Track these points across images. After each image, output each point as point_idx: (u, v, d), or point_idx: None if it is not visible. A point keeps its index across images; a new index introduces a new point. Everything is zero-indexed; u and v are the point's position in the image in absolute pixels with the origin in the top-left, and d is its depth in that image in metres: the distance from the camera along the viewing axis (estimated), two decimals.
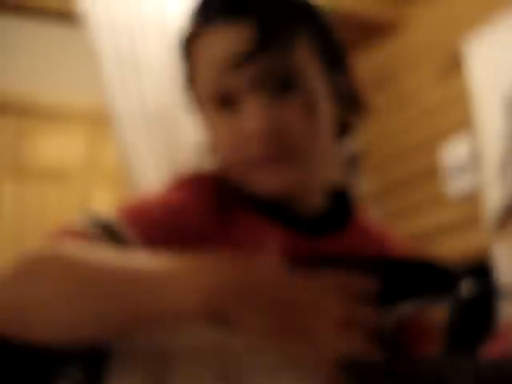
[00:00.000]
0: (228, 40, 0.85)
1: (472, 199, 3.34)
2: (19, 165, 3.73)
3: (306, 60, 0.87)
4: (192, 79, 0.93)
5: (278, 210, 0.88)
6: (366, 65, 3.93)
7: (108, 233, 0.77)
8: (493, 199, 3.09)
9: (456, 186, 3.44)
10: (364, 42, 4.08)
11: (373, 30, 4.07)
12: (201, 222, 0.83)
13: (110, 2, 3.12)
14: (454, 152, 3.47)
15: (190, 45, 0.91)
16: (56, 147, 3.82)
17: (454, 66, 3.53)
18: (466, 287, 0.88)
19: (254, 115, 0.83)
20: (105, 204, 3.63)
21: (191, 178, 0.88)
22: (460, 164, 3.41)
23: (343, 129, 0.98)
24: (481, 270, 3.04)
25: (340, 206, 0.96)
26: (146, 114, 3.06)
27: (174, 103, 3.09)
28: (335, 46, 0.95)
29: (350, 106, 0.96)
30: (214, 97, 0.87)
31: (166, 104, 3.10)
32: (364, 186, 3.78)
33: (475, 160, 3.31)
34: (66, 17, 3.72)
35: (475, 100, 3.28)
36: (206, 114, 0.92)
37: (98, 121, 3.82)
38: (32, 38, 3.79)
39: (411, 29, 3.93)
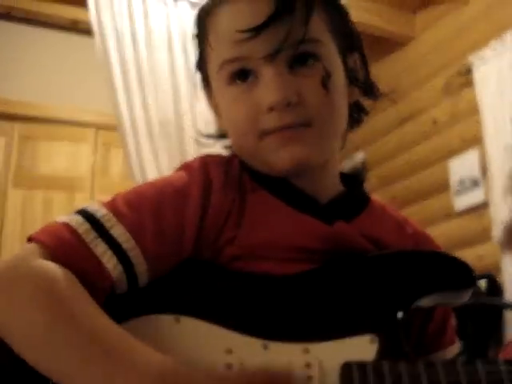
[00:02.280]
0: (245, 10, 0.85)
1: (480, 213, 3.32)
2: (25, 173, 3.73)
3: (322, 34, 0.87)
4: (206, 56, 0.92)
5: (292, 192, 0.87)
6: (376, 79, 3.91)
7: (96, 229, 0.77)
8: (501, 213, 3.07)
9: (465, 199, 3.42)
10: (374, 57, 4.08)
11: (383, 45, 4.08)
12: (208, 206, 0.81)
13: (116, 14, 3.14)
14: (462, 166, 3.45)
15: (207, 19, 0.90)
16: (63, 156, 3.82)
17: (463, 80, 3.53)
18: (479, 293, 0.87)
19: (270, 86, 0.83)
20: None
21: (199, 161, 0.87)
22: (469, 178, 3.40)
23: (357, 110, 0.97)
24: (490, 283, 3.02)
25: (353, 190, 0.95)
26: (151, 124, 3.06)
27: (177, 114, 3.10)
28: (351, 28, 0.95)
29: (363, 88, 0.95)
30: (229, 68, 0.86)
31: (170, 115, 3.10)
32: None
33: (484, 174, 3.29)
34: (75, 28, 3.75)
35: (484, 115, 3.27)
36: (218, 91, 0.91)
37: (105, 130, 3.83)
38: (40, 47, 3.81)
39: (421, 43, 3.94)
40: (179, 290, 0.80)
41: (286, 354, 0.74)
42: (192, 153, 2.91)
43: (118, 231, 0.77)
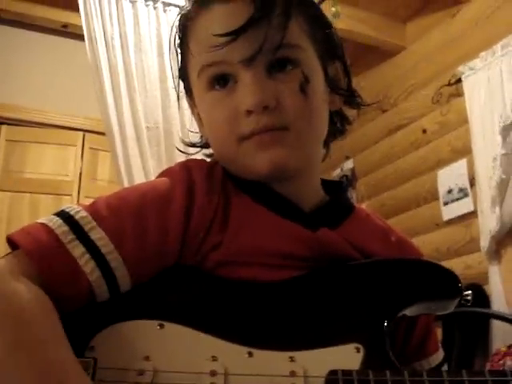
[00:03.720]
0: (223, 16, 0.85)
1: (469, 223, 3.33)
2: (12, 176, 3.71)
3: (301, 40, 0.86)
4: (187, 63, 0.92)
5: (274, 198, 0.87)
6: (365, 88, 3.92)
7: (75, 231, 0.75)
8: (489, 223, 3.08)
9: (453, 209, 3.43)
10: (364, 66, 4.09)
11: (373, 54, 4.09)
12: (192, 211, 0.80)
13: (106, 19, 3.13)
14: (451, 175, 3.46)
15: (186, 26, 0.91)
16: (50, 159, 3.81)
17: (452, 90, 3.54)
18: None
19: (248, 90, 0.83)
20: None
21: (182, 165, 0.86)
22: (457, 188, 3.40)
23: (340, 119, 0.97)
24: (476, 293, 3.02)
25: (337, 197, 0.94)
26: (139, 128, 3.05)
27: (166, 119, 3.10)
28: (332, 36, 0.94)
29: (345, 97, 0.95)
30: (208, 73, 0.86)
31: (158, 119, 3.10)
32: None
33: (472, 184, 3.30)
34: (64, 31, 3.74)
35: (473, 125, 3.28)
36: (199, 97, 0.91)
37: (93, 134, 3.82)
38: (29, 50, 3.80)
39: (412, 53, 3.95)
40: (164, 296, 0.79)
41: (270, 362, 0.73)
42: (180, 158, 2.89)
43: (97, 234, 0.75)
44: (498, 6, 3.33)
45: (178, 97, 1.03)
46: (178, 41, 0.94)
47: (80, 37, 3.14)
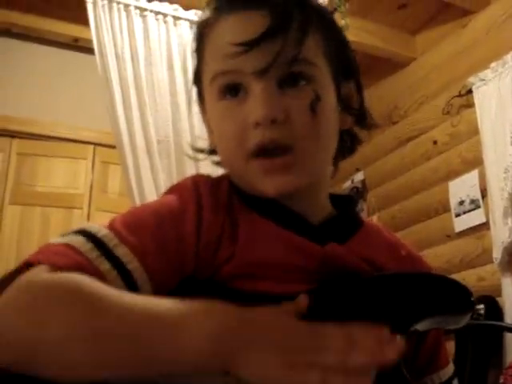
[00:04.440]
0: (240, 25, 0.85)
1: (481, 234, 3.30)
2: (23, 189, 3.72)
3: (316, 57, 0.86)
4: (201, 70, 0.92)
5: (282, 212, 0.86)
6: (375, 100, 3.93)
7: (100, 249, 0.74)
8: (501, 234, 3.05)
9: (465, 221, 3.41)
10: (375, 77, 4.09)
11: (384, 66, 4.09)
12: (202, 224, 0.80)
13: (116, 32, 3.14)
14: (462, 187, 3.44)
15: (204, 32, 0.90)
16: (61, 173, 3.82)
17: (463, 101, 3.53)
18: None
19: (257, 101, 0.82)
20: None
21: (190, 180, 0.86)
22: (469, 199, 3.39)
23: (350, 139, 0.96)
24: (489, 305, 2.99)
25: (346, 212, 0.93)
26: (149, 142, 3.06)
27: (176, 132, 3.10)
28: (348, 55, 0.94)
29: (357, 116, 0.94)
30: (220, 81, 0.86)
31: (169, 133, 3.10)
32: (369, 219, 3.74)
33: (484, 195, 3.28)
34: (75, 45, 3.76)
35: (484, 136, 3.26)
36: (210, 105, 0.91)
37: (103, 147, 3.83)
38: (40, 64, 3.83)
39: (422, 64, 3.95)
40: None
41: None
42: (190, 171, 2.90)
43: (122, 251, 0.74)
44: (508, 16, 3.32)
45: (189, 103, 1.03)
46: (194, 46, 0.93)
47: (90, 50, 3.16)
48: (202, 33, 0.91)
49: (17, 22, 3.58)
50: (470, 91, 3.43)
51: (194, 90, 0.97)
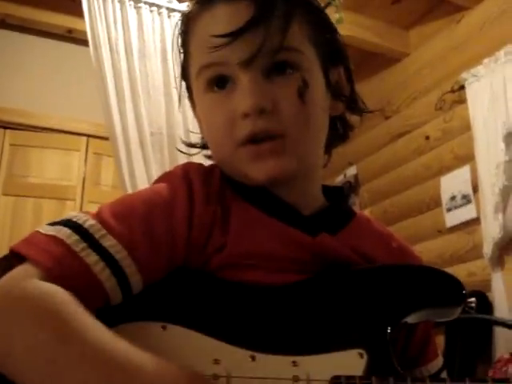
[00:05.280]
0: (223, 17, 0.85)
1: (472, 229, 3.32)
2: (15, 180, 3.72)
3: (302, 44, 0.86)
4: (188, 64, 0.92)
5: (273, 202, 0.86)
6: (368, 95, 3.93)
7: (86, 240, 0.74)
8: (492, 230, 3.07)
9: (456, 216, 3.43)
10: (368, 72, 4.10)
11: (377, 60, 4.10)
12: (193, 212, 0.80)
13: (110, 24, 3.14)
14: (454, 182, 3.46)
15: (188, 26, 0.91)
16: (53, 164, 3.81)
17: (456, 97, 3.54)
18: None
19: (245, 92, 0.82)
20: None
21: (181, 168, 0.86)
22: (460, 194, 3.40)
23: (342, 125, 0.96)
24: (480, 300, 3.02)
25: (338, 203, 0.94)
26: (142, 134, 3.06)
27: (170, 124, 3.10)
28: (335, 41, 0.94)
29: (348, 103, 0.94)
30: (206, 74, 0.86)
31: (162, 125, 3.10)
32: None
33: (475, 190, 3.29)
34: (69, 37, 3.75)
35: (476, 131, 3.28)
36: (198, 99, 0.91)
37: (96, 139, 3.82)
38: (34, 55, 3.82)
39: (415, 60, 3.96)
40: (167, 298, 0.79)
41: (273, 366, 0.73)
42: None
43: (108, 241, 0.74)
44: (502, 12, 3.33)
45: (179, 97, 1.03)
46: (180, 41, 0.94)
47: (84, 42, 3.15)
48: (187, 26, 0.91)
49: (11, 13, 3.56)
50: (462, 87, 3.44)
51: (183, 85, 0.97)
